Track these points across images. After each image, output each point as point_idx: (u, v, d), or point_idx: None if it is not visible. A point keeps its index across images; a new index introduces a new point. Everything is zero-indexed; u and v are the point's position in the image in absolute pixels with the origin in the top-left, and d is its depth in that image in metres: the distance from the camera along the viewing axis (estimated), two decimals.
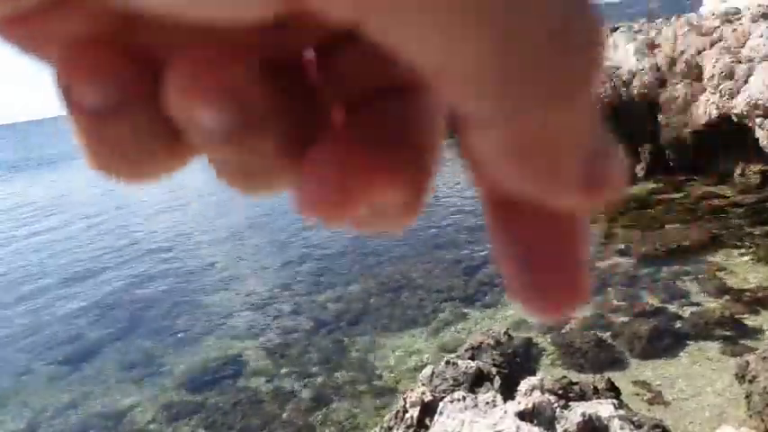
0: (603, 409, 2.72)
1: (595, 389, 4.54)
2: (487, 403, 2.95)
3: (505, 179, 0.23)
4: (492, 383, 3.93)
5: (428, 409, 3.26)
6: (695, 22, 16.75)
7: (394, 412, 3.57)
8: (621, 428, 2.61)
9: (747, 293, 8.38)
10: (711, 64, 14.09)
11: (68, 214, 23.64)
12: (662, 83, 15.21)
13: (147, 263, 15.09)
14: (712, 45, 14.70)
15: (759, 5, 15.84)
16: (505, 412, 2.69)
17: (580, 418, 2.66)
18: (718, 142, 14.06)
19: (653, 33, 18.10)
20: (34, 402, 8.76)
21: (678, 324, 7.92)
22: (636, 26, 27.37)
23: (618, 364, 7.25)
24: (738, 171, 13.77)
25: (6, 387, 9.42)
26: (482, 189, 0.27)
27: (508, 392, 3.24)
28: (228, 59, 0.23)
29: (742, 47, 13.85)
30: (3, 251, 18.79)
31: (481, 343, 4.71)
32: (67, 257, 16.80)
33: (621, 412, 2.75)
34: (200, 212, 20.39)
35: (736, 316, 7.77)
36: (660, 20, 25.33)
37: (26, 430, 8.11)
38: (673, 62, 15.29)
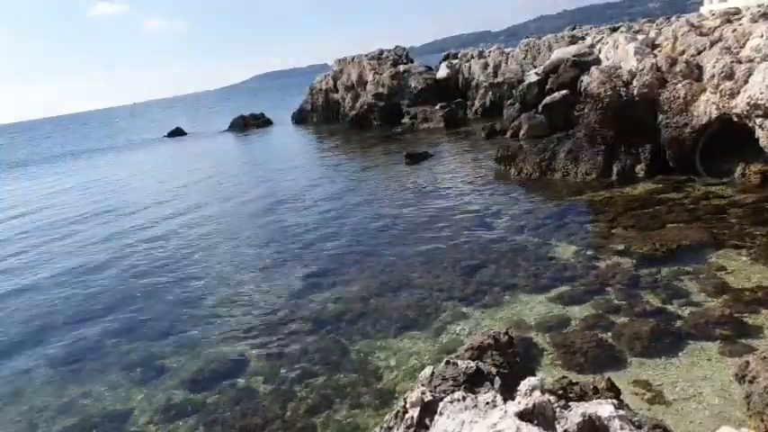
0: (604, 409, 2.72)
1: (595, 389, 4.53)
2: (487, 403, 2.95)
3: None
4: (492, 383, 3.92)
5: (428, 409, 3.26)
6: (695, 23, 16.75)
7: (394, 412, 3.57)
8: (622, 429, 2.60)
9: (747, 293, 8.38)
10: (711, 64, 14.08)
11: (65, 213, 23.63)
12: (662, 83, 15.20)
13: (147, 263, 15.09)
14: (712, 45, 14.69)
15: (759, 5, 15.84)
16: (505, 412, 2.69)
17: (580, 419, 2.66)
18: (718, 142, 14.06)
19: (653, 33, 18.10)
20: (34, 402, 8.76)
21: (678, 324, 7.91)
22: (636, 26, 27.43)
23: (618, 364, 7.25)
24: (739, 171, 13.77)
25: (7, 387, 9.42)
26: None
27: (508, 392, 3.24)
28: None
29: (742, 47, 13.84)
30: None
31: (481, 343, 4.70)
32: (67, 257, 16.80)
33: (622, 412, 2.75)
34: (199, 212, 20.38)
35: (736, 315, 7.77)
36: (660, 20, 25.28)
37: (26, 430, 8.11)
38: (673, 62, 15.29)
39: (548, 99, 23.75)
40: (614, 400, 3.43)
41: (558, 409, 2.80)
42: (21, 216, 24.91)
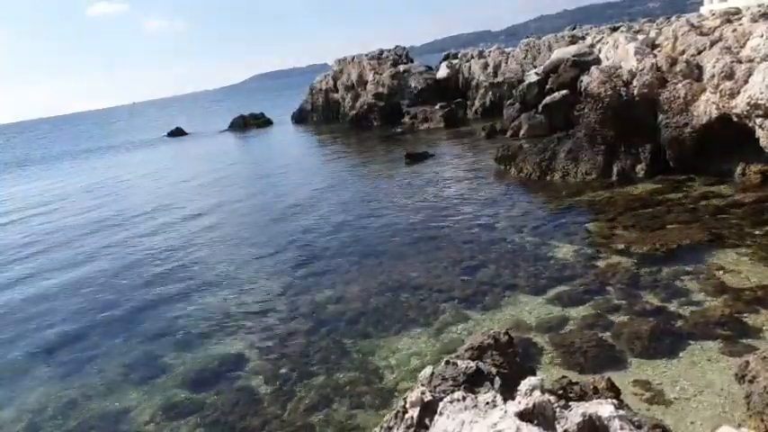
0: (604, 409, 2.72)
1: (595, 389, 4.53)
2: (487, 403, 2.95)
3: None
4: (492, 383, 3.92)
5: (428, 409, 3.26)
6: (695, 22, 16.74)
7: (394, 412, 3.56)
8: (622, 428, 2.60)
9: (747, 293, 8.38)
10: (712, 64, 14.08)
11: (65, 215, 23.63)
12: (662, 83, 15.20)
13: (148, 263, 15.08)
14: (712, 45, 14.69)
15: (759, 5, 15.84)
16: (505, 412, 2.69)
17: (580, 418, 2.66)
18: (719, 142, 14.06)
19: (653, 33, 18.10)
20: (34, 402, 8.76)
21: (678, 323, 7.91)
22: (636, 26, 27.44)
23: (618, 363, 7.24)
24: (739, 171, 13.77)
25: (7, 387, 9.42)
26: None
27: (508, 392, 3.23)
28: None
29: (742, 47, 13.84)
30: None
31: (481, 343, 4.70)
32: (67, 257, 16.80)
33: (622, 412, 2.74)
34: (198, 213, 20.37)
35: (736, 315, 7.77)
36: (660, 19, 25.26)
37: (26, 430, 8.11)
38: (673, 62, 15.28)
39: (548, 99, 23.76)
40: (614, 400, 3.43)
41: (558, 409, 2.80)
42: (21, 218, 24.90)
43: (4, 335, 11.64)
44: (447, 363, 4.15)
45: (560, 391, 4.25)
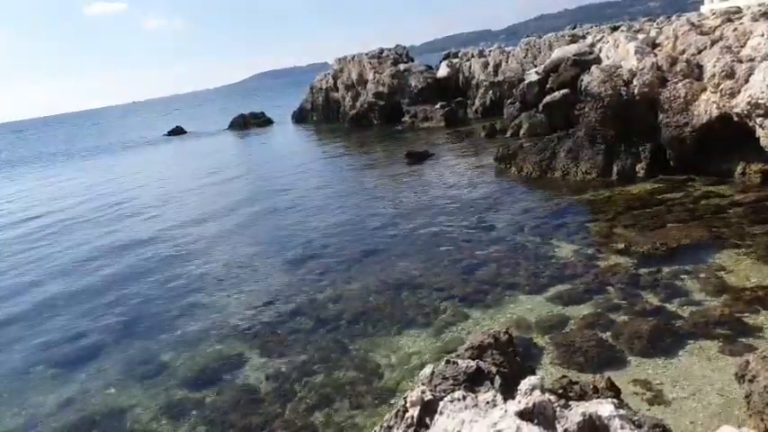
0: (604, 408, 2.72)
1: (595, 388, 4.54)
2: (487, 403, 2.95)
3: None
4: (492, 383, 3.92)
5: (428, 409, 3.26)
6: (696, 21, 16.74)
7: (394, 411, 3.56)
8: (622, 428, 2.60)
9: (747, 292, 8.38)
10: (712, 63, 14.07)
11: (64, 212, 23.63)
12: (662, 82, 15.19)
13: (148, 263, 15.09)
14: (713, 44, 14.68)
15: (760, 4, 15.83)
16: (505, 412, 2.69)
17: (580, 418, 2.66)
18: (719, 142, 14.05)
19: (653, 32, 18.09)
20: (35, 402, 8.76)
21: (678, 323, 7.91)
22: (636, 25, 27.41)
23: (618, 363, 7.24)
24: (739, 170, 13.77)
25: (7, 386, 9.42)
26: None
27: (508, 392, 3.24)
28: None
29: (743, 46, 13.83)
30: None
31: (481, 342, 4.70)
32: (67, 256, 16.80)
33: (622, 412, 2.75)
34: (199, 212, 20.38)
35: (736, 315, 7.77)
36: (661, 18, 25.27)
37: (27, 429, 8.11)
38: (673, 61, 15.27)
39: (548, 98, 23.74)
40: (614, 400, 3.43)
41: (558, 409, 2.80)
42: (25, 216, 24.91)
43: (4, 334, 11.64)
44: (447, 362, 4.15)
45: (560, 391, 4.26)
